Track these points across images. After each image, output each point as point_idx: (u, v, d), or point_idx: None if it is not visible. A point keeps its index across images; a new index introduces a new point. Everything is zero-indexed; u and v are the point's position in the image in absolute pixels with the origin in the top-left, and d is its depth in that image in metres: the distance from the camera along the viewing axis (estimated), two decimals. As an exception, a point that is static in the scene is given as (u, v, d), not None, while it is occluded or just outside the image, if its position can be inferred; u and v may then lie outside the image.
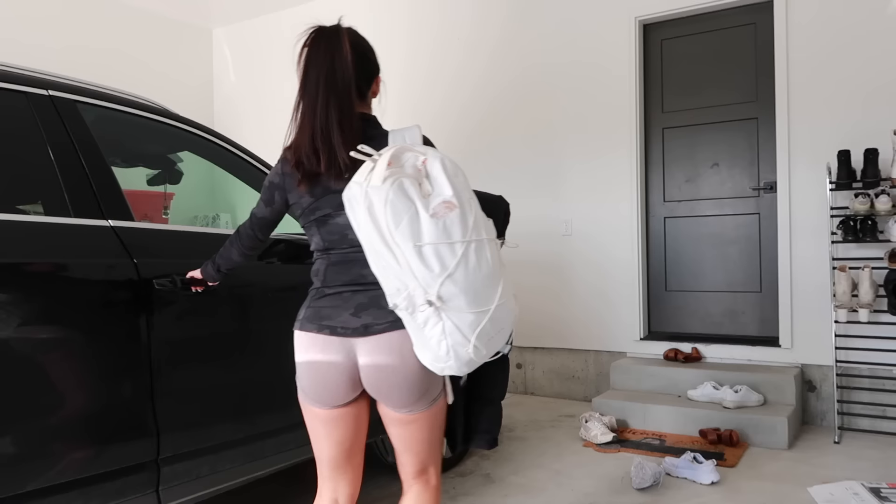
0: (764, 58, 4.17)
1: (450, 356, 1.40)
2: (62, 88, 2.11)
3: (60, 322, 1.83)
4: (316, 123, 1.52)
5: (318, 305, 1.57)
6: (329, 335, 1.54)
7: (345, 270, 1.57)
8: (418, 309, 1.37)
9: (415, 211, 1.34)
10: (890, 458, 3.31)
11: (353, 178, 1.40)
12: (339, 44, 1.55)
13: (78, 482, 1.85)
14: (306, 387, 1.59)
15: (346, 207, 1.42)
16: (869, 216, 3.58)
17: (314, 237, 1.62)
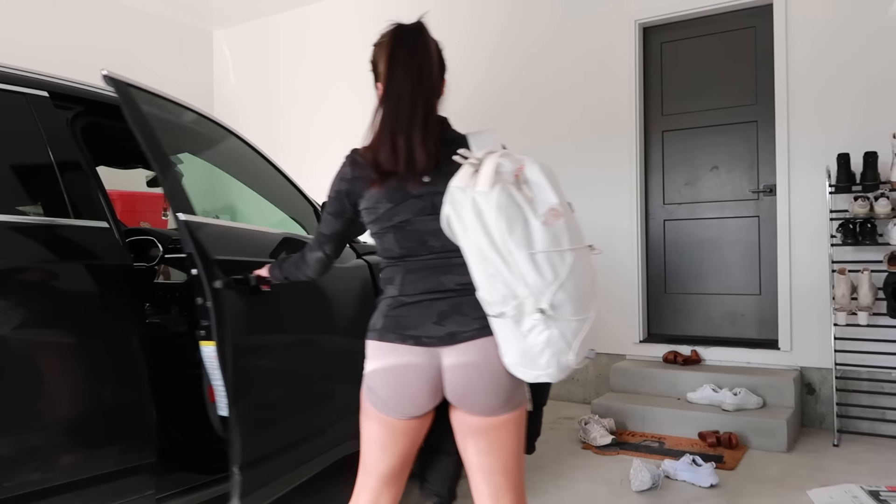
0: (763, 61, 4.18)
1: (550, 364, 1.38)
2: (62, 89, 2.11)
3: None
4: (400, 123, 1.49)
5: (398, 315, 1.52)
6: (414, 345, 1.49)
7: (424, 278, 1.53)
8: (527, 317, 1.35)
9: (525, 218, 1.34)
10: (889, 462, 3.31)
11: (454, 183, 1.39)
12: (425, 42, 1.56)
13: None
14: (383, 396, 1.53)
15: (447, 212, 1.40)
16: (868, 219, 3.58)
17: (388, 244, 1.56)
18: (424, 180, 1.51)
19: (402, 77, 1.51)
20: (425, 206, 1.52)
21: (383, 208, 1.53)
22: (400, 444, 1.58)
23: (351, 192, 1.58)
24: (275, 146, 5.96)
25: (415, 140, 1.49)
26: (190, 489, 2.18)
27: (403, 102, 1.50)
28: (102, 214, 2.02)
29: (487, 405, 1.50)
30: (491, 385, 1.49)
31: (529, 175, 1.39)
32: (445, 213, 1.42)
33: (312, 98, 5.97)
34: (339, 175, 1.60)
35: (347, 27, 5.78)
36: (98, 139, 2.69)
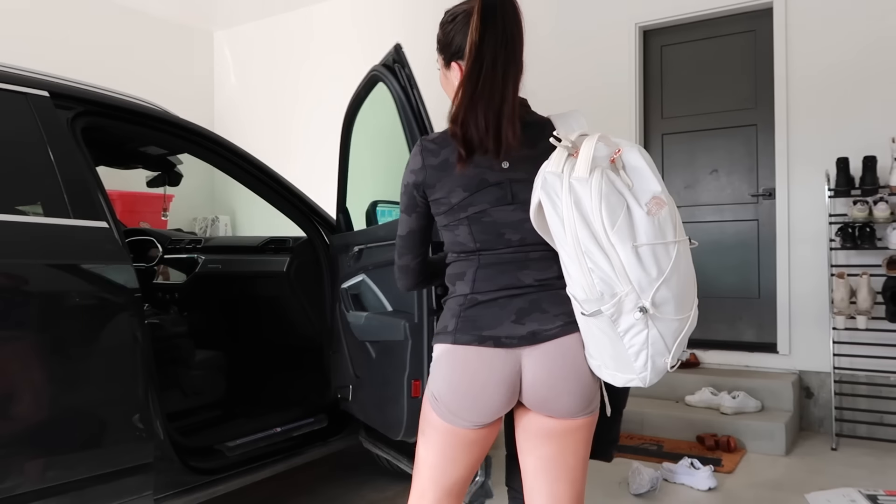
0: (763, 65, 4.18)
1: (646, 367, 1.28)
2: (62, 89, 2.12)
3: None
4: (492, 98, 1.39)
5: (472, 315, 1.39)
6: (493, 347, 1.36)
7: (499, 274, 1.40)
8: (625, 315, 1.24)
9: (627, 207, 1.22)
10: (887, 466, 3.31)
11: (547, 167, 1.27)
12: (516, 12, 1.46)
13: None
14: (454, 406, 1.39)
15: (540, 198, 1.28)
16: (867, 223, 3.59)
17: (459, 235, 1.42)
18: (503, 166, 1.39)
19: (493, 49, 1.41)
20: (504, 195, 1.39)
21: (457, 198, 1.40)
22: (470, 454, 1.45)
23: (421, 184, 1.44)
24: (275, 147, 5.97)
25: (504, 116, 1.39)
26: (188, 490, 2.18)
27: (496, 78, 1.40)
28: (102, 214, 2.02)
29: (567, 407, 1.38)
30: (575, 387, 1.37)
31: (628, 159, 1.26)
32: (537, 200, 1.29)
33: (313, 99, 5.98)
34: (408, 167, 1.47)
35: (349, 28, 5.79)
36: (98, 139, 2.69)
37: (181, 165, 3.30)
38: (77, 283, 1.90)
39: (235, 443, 2.40)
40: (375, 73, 2.43)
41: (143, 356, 2.01)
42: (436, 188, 1.42)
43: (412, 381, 2.21)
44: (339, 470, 3.36)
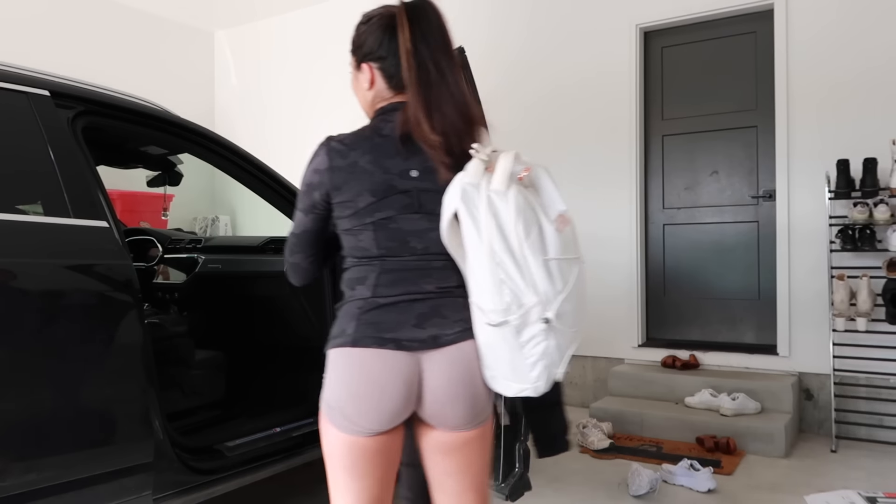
0: (764, 66, 4.19)
1: (541, 377, 1.32)
2: (63, 89, 2.12)
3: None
4: (456, 101, 1.39)
5: (373, 318, 1.37)
6: (395, 349, 1.35)
7: (401, 280, 1.39)
8: (529, 327, 1.28)
9: (539, 223, 1.28)
10: (886, 468, 3.31)
11: (464, 179, 1.29)
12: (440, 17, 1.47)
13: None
14: (352, 413, 1.36)
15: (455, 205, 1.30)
16: (867, 225, 3.59)
17: (363, 241, 1.41)
18: (412, 175, 1.39)
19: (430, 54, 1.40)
20: (412, 203, 1.39)
21: (364, 202, 1.38)
22: (377, 467, 1.40)
23: (325, 185, 1.41)
24: (276, 148, 5.97)
25: (468, 117, 1.41)
26: (187, 490, 2.18)
27: (445, 81, 1.39)
28: (102, 214, 2.02)
29: (461, 416, 1.39)
30: (472, 395, 1.39)
31: (537, 178, 1.32)
32: (453, 209, 1.31)
33: (314, 100, 5.98)
34: (311, 166, 1.44)
35: (349, 28, 5.77)
36: (99, 139, 2.69)
37: (181, 165, 3.30)
38: (77, 283, 1.90)
39: (235, 443, 2.40)
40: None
41: (143, 356, 2.01)
42: (342, 191, 1.40)
43: None
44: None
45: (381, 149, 1.39)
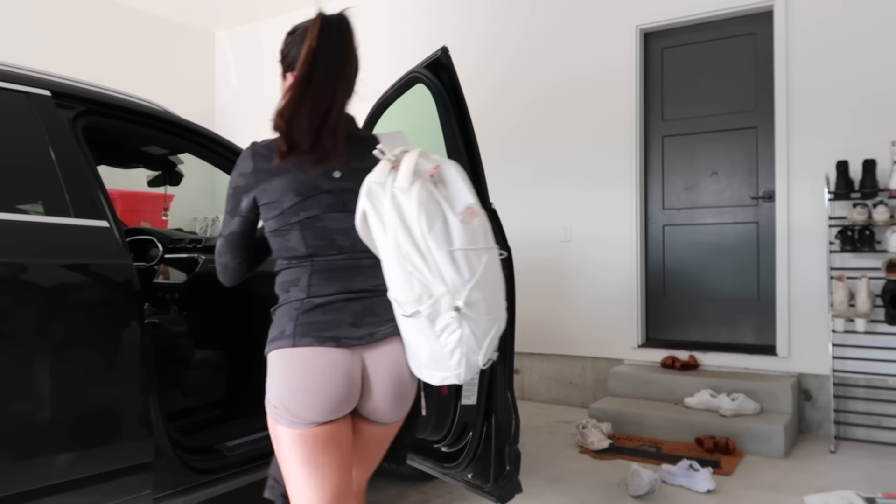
0: (764, 67, 4.19)
1: (460, 364, 1.37)
2: (64, 89, 2.12)
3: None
4: (317, 102, 1.44)
5: (311, 318, 1.43)
6: (334, 347, 1.41)
7: (333, 278, 1.46)
8: (442, 316, 1.34)
9: (444, 215, 1.32)
10: (885, 468, 3.31)
11: (371, 178, 1.35)
12: (351, 32, 1.53)
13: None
14: (296, 409, 1.41)
15: (364, 207, 1.36)
16: (867, 226, 3.59)
17: (291, 241, 1.47)
18: (335, 175, 1.47)
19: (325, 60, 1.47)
20: (336, 203, 1.46)
21: (289, 202, 1.45)
22: (331, 453, 1.44)
23: (250, 187, 1.49)
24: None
25: (326, 126, 1.45)
26: (187, 489, 2.18)
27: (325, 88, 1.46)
28: (103, 214, 2.03)
29: (393, 411, 1.49)
30: (403, 390, 1.48)
31: (445, 174, 1.36)
32: (362, 208, 1.37)
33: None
34: (236, 170, 1.51)
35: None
36: (99, 138, 2.70)
37: (182, 165, 3.30)
38: (77, 283, 1.91)
39: (235, 442, 2.40)
40: (415, 75, 2.45)
41: (143, 355, 2.02)
42: (266, 192, 1.47)
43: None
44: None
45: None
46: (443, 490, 3.09)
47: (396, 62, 5.44)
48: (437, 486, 3.15)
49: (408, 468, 3.06)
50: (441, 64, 2.32)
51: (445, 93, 2.29)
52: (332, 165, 1.47)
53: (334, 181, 1.47)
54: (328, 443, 1.44)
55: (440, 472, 2.44)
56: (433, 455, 2.46)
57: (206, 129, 2.60)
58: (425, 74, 2.38)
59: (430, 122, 2.43)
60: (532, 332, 4.83)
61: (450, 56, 2.30)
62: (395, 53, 5.49)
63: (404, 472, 3.13)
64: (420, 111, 2.50)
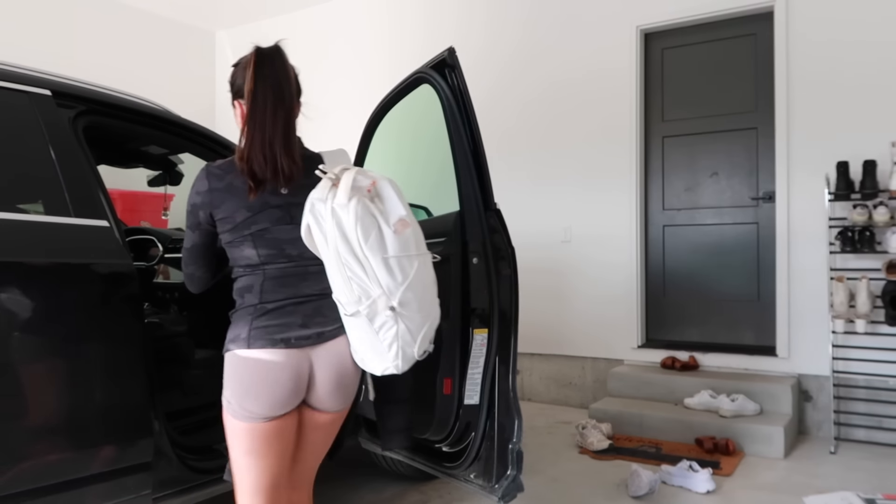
0: (764, 68, 4.19)
1: (398, 356, 1.56)
2: (64, 88, 2.12)
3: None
4: (265, 135, 1.60)
5: (264, 322, 1.59)
6: (284, 348, 1.58)
7: (284, 285, 1.63)
8: (379, 314, 1.52)
9: (379, 227, 1.50)
10: (885, 470, 3.31)
11: (314, 195, 1.52)
12: (284, 63, 1.66)
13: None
14: (250, 405, 1.58)
15: (309, 222, 1.52)
16: (867, 227, 3.59)
17: (244, 251, 1.63)
18: (282, 192, 1.63)
19: (263, 94, 1.60)
20: (284, 216, 1.63)
21: (241, 217, 1.61)
22: (275, 446, 1.63)
23: (207, 204, 1.64)
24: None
25: (279, 150, 1.60)
26: (187, 489, 2.18)
27: (267, 118, 1.60)
28: (103, 213, 2.03)
29: (337, 402, 1.69)
30: (350, 383, 1.69)
31: (382, 190, 1.55)
32: (306, 222, 1.53)
33: (315, 100, 5.96)
34: (194, 189, 1.66)
35: (350, 29, 5.79)
36: (100, 138, 2.69)
37: (182, 165, 3.30)
38: (77, 282, 1.91)
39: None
40: (421, 75, 2.45)
41: (143, 355, 2.01)
42: (221, 208, 1.63)
43: (444, 379, 2.25)
44: (337, 470, 3.35)
45: None
46: (442, 490, 3.09)
47: (396, 61, 5.45)
48: (436, 485, 3.14)
49: (407, 467, 3.06)
50: (448, 65, 2.32)
51: (452, 94, 2.30)
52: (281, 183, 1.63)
53: (282, 197, 1.63)
54: (274, 436, 1.62)
55: (442, 472, 2.44)
56: (435, 455, 2.46)
57: (207, 128, 2.60)
58: (431, 75, 2.39)
59: (431, 122, 2.43)
60: (532, 332, 4.82)
61: (456, 57, 2.31)
62: (395, 52, 5.49)
63: (404, 472, 3.13)
64: (423, 111, 2.50)
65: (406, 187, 1.73)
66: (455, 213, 2.35)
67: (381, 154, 3.10)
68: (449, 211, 2.41)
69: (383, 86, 2.99)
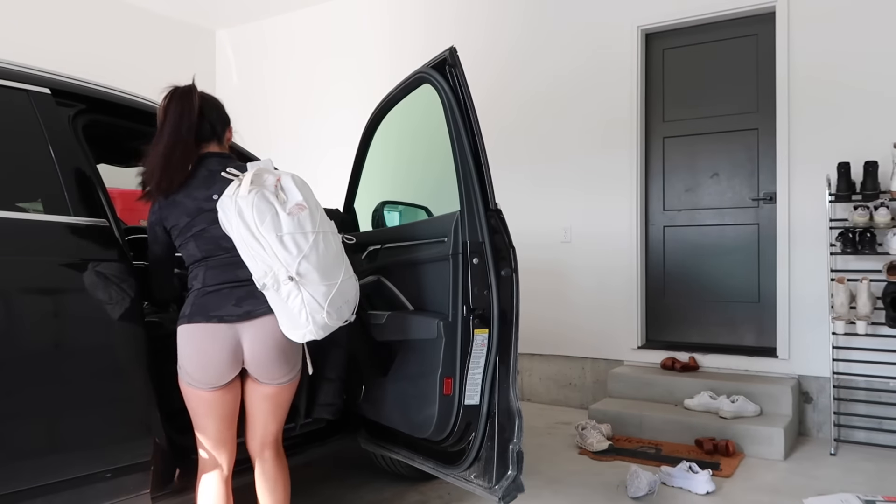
0: (765, 69, 4.18)
1: (308, 322, 1.81)
2: (64, 86, 2.11)
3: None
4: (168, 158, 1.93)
5: (203, 301, 1.91)
6: (218, 323, 1.88)
7: (221, 273, 1.94)
8: (282, 285, 1.79)
9: (275, 211, 1.81)
10: (885, 471, 3.31)
11: (225, 193, 1.85)
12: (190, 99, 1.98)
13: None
14: (193, 372, 1.89)
15: (220, 215, 1.85)
16: (868, 228, 3.59)
17: (190, 249, 1.97)
18: (213, 198, 1.94)
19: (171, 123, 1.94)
20: (215, 217, 1.92)
21: (184, 222, 1.96)
22: (218, 410, 1.94)
23: (159, 221, 2.00)
24: (278, 147, 5.97)
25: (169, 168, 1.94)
26: (185, 488, 2.17)
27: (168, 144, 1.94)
28: (102, 212, 2.02)
29: (276, 373, 1.96)
30: (279, 356, 1.93)
31: (284, 183, 1.88)
32: (220, 218, 1.87)
33: (316, 99, 5.98)
34: (151, 208, 2.01)
35: (351, 28, 5.79)
36: (99, 136, 2.69)
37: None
38: (76, 281, 1.90)
39: (233, 442, 2.39)
40: (422, 75, 2.45)
41: (142, 354, 2.01)
42: (168, 219, 1.99)
43: (444, 379, 2.25)
44: (336, 470, 3.35)
45: (192, 185, 1.98)
46: (441, 490, 3.09)
47: (397, 61, 5.45)
48: (435, 486, 3.14)
49: (406, 468, 3.06)
50: (448, 64, 2.32)
51: (452, 94, 2.29)
52: (207, 192, 1.96)
53: (213, 202, 1.94)
54: (217, 403, 1.94)
55: (441, 472, 2.44)
56: (435, 455, 2.46)
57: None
58: (432, 75, 2.38)
59: (431, 122, 2.43)
60: (532, 332, 4.83)
61: (457, 56, 2.31)
62: (396, 52, 5.48)
63: (403, 473, 3.13)
64: (423, 111, 2.49)
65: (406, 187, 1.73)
66: (455, 212, 2.35)
67: (381, 154, 3.10)
68: (449, 211, 2.41)
69: (384, 85, 2.99)
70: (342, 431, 2.82)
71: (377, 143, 3.02)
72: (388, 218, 3.35)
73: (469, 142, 2.27)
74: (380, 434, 2.75)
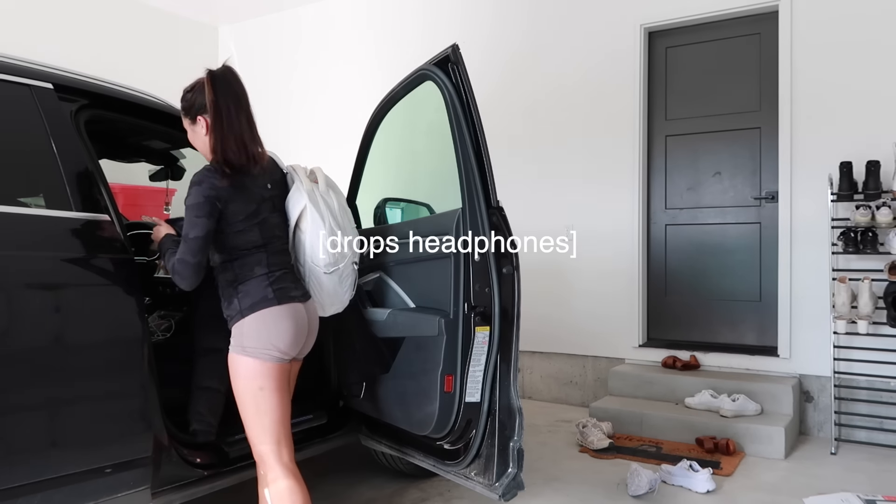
0: (768, 68, 4.18)
1: (348, 296, 2.32)
2: (66, 82, 2.11)
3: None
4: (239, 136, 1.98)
5: (280, 285, 2.05)
6: (295, 302, 2.06)
7: (279, 258, 2.10)
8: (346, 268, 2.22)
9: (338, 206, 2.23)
10: (886, 471, 3.30)
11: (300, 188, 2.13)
12: (237, 79, 2.03)
13: None
14: (287, 347, 2.01)
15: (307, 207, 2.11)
16: (870, 228, 3.58)
17: (251, 235, 2.03)
18: (268, 187, 2.10)
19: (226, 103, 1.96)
20: (273, 206, 2.12)
21: (251, 209, 2.03)
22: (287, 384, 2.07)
23: (220, 198, 1.96)
24: (280, 144, 5.96)
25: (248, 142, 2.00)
26: (186, 484, 2.18)
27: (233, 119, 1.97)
28: (104, 207, 2.02)
29: (307, 347, 2.15)
30: (314, 332, 2.16)
31: (319, 177, 2.24)
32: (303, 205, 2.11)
33: (319, 95, 5.97)
34: (207, 184, 1.95)
35: (355, 24, 5.78)
36: (101, 132, 2.69)
37: (184, 160, 3.30)
38: (78, 276, 1.91)
39: (234, 438, 2.40)
40: (425, 72, 2.45)
41: (143, 350, 2.01)
42: (230, 202, 1.99)
43: (445, 377, 2.25)
44: (337, 467, 3.36)
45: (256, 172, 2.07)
46: (441, 487, 3.09)
47: (399, 57, 5.44)
48: (435, 483, 3.14)
49: (407, 465, 3.06)
50: (451, 61, 2.32)
51: (455, 91, 2.29)
52: (264, 180, 2.09)
53: (268, 191, 2.11)
54: (287, 374, 2.06)
55: (442, 469, 2.44)
56: (435, 452, 2.46)
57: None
58: (435, 72, 2.38)
59: (434, 119, 2.43)
60: (533, 330, 4.81)
61: (460, 53, 2.31)
62: (398, 48, 5.48)
63: (404, 469, 3.13)
64: (426, 109, 2.49)
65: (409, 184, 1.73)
66: (457, 210, 2.35)
67: (384, 150, 3.10)
68: (451, 208, 2.41)
69: (386, 81, 2.98)
70: (343, 428, 2.82)
71: (379, 139, 3.02)
72: (390, 215, 3.35)
73: (471, 139, 2.28)
74: (380, 431, 2.75)
